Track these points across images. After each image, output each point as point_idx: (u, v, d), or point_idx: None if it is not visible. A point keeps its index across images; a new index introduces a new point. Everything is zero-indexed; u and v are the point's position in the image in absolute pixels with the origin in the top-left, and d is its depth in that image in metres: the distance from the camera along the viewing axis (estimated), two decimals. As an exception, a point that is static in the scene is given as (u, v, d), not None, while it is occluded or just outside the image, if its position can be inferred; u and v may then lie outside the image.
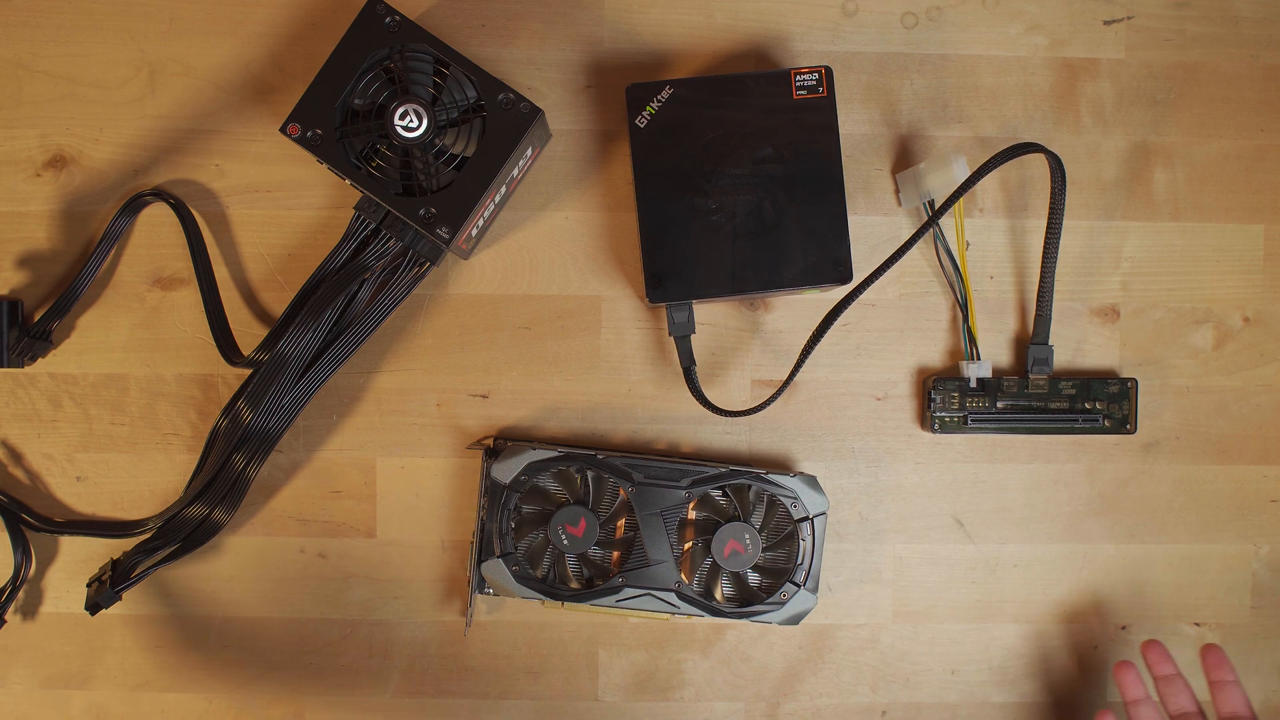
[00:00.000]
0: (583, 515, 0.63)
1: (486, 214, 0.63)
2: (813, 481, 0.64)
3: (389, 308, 0.64)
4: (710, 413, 0.65)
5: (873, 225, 0.67)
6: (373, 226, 0.63)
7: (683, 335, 0.64)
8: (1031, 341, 0.67)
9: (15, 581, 0.66)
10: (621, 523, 0.64)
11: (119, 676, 0.68)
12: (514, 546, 0.63)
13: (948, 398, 0.66)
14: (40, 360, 0.67)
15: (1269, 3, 0.68)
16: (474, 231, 0.63)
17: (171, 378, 0.67)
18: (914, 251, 0.66)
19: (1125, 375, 0.68)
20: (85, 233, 0.66)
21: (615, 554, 0.64)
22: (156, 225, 0.67)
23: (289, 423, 0.65)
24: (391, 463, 0.67)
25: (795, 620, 0.64)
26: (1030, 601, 0.69)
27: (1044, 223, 0.64)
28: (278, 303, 0.67)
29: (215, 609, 0.68)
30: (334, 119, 0.59)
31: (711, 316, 0.67)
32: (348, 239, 0.63)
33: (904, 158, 0.67)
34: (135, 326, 0.67)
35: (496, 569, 0.63)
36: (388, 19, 0.59)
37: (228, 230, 0.67)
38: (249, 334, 0.67)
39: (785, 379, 0.64)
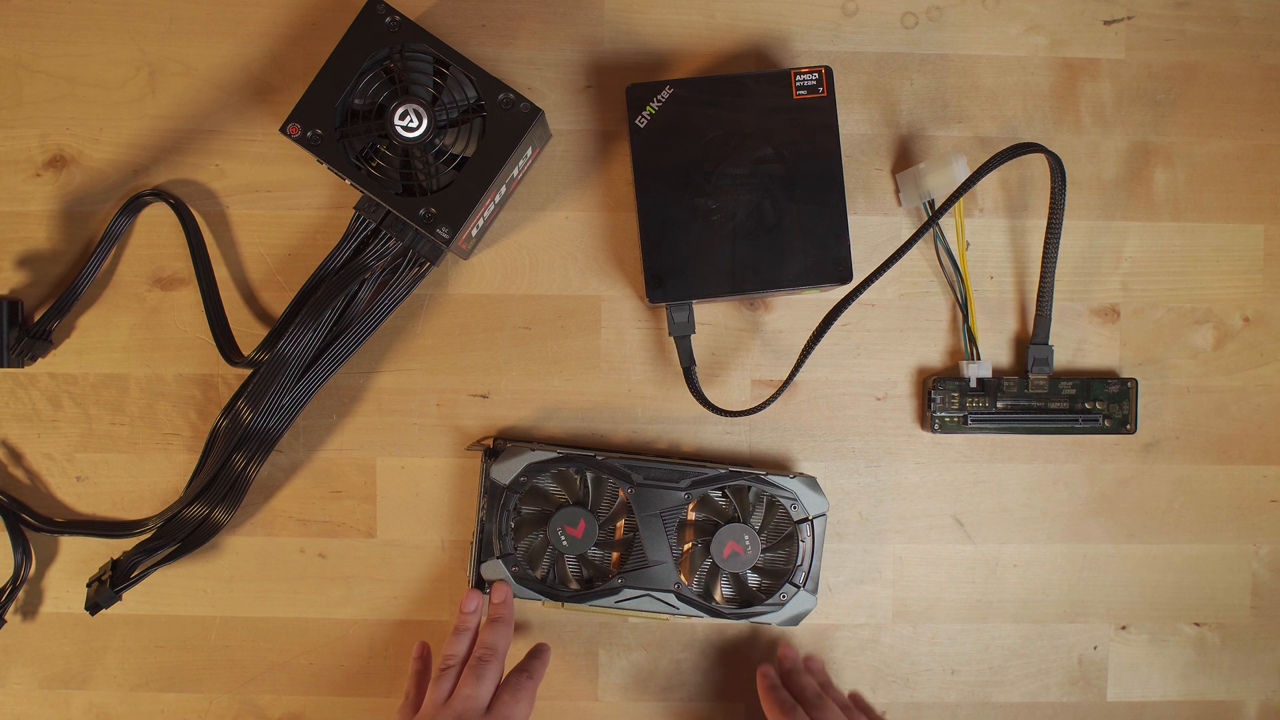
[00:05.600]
0: (582, 516, 0.63)
1: (486, 214, 0.63)
2: (812, 482, 0.64)
3: (389, 308, 0.64)
4: (710, 413, 0.65)
5: (873, 225, 0.67)
6: (373, 226, 0.63)
7: (683, 335, 0.64)
8: (1031, 341, 0.67)
9: (15, 581, 0.66)
10: (621, 524, 0.64)
11: (119, 676, 0.68)
12: (513, 547, 0.63)
13: (948, 398, 0.66)
14: (40, 360, 0.67)
15: (1269, 3, 0.68)
16: (474, 231, 0.63)
17: (171, 378, 0.67)
18: (914, 251, 0.66)
19: (1125, 375, 0.68)
20: (85, 233, 0.66)
21: (615, 555, 0.64)
22: (156, 225, 0.67)
23: (289, 423, 0.65)
24: (391, 463, 0.67)
25: (795, 621, 0.64)
26: (1030, 601, 0.69)
27: (1044, 223, 0.64)
28: (278, 303, 0.67)
29: (215, 609, 0.68)
30: (334, 119, 0.59)
31: (711, 316, 0.67)
32: (348, 239, 0.63)
33: (904, 158, 0.67)
34: (135, 326, 0.67)
35: (496, 569, 0.63)
36: (388, 19, 0.59)
37: (228, 230, 0.67)
38: (249, 334, 0.67)
39: (785, 379, 0.63)
